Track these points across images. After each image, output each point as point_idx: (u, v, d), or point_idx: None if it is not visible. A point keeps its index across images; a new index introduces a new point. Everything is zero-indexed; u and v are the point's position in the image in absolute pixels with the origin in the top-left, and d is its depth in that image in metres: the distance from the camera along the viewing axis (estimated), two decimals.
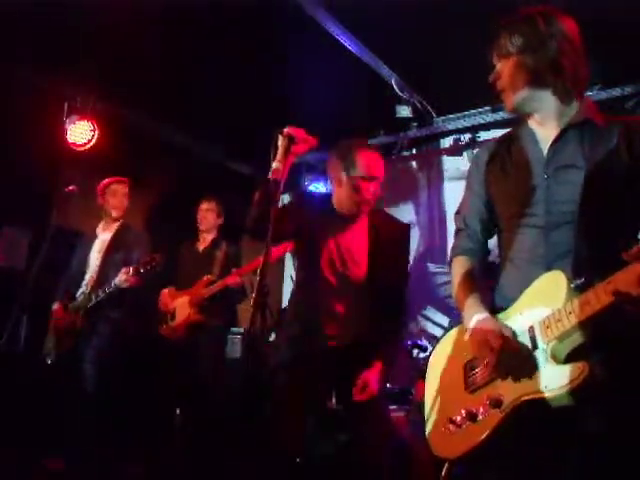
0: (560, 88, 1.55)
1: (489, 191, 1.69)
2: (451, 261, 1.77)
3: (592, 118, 1.55)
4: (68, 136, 4.34)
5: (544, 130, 1.59)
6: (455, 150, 4.97)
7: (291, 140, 2.22)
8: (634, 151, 1.47)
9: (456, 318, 1.70)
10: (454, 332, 1.72)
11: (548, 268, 1.46)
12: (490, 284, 1.68)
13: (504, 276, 1.62)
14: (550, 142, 1.56)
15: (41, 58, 3.99)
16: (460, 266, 1.71)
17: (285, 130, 2.22)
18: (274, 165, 2.22)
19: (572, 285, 1.37)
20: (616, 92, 4.09)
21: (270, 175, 2.22)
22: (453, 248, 1.78)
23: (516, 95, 1.57)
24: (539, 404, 1.35)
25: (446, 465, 1.85)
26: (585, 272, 1.39)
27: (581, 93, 1.59)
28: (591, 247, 1.44)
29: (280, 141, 2.23)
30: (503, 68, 1.58)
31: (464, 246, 1.74)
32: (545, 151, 1.56)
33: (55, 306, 3.82)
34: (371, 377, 2.31)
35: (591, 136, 1.52)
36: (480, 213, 1.72)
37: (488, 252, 1.76)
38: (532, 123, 1.62)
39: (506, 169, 1.64)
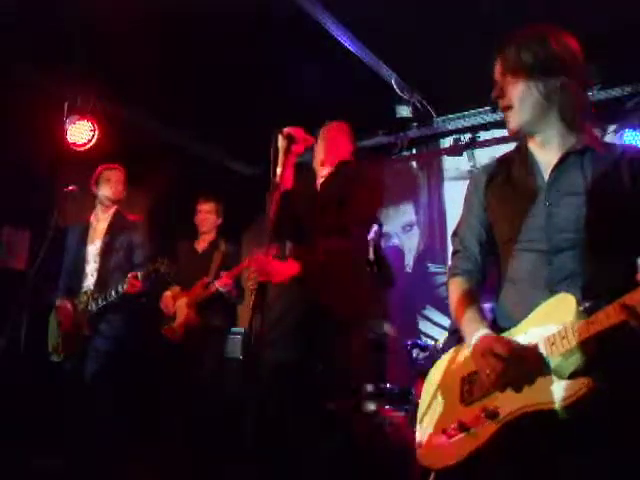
0: (567, 112, 1.54)
1: (488, 213, 1.68)
2: (448, 281, 1.76)
3: (593, 145, 1.55)
4: (68, 136, 4.33)
5: (545, 154, 1.58)
6: (455, 150, 4.97)
7: (291, 140, 2.23)
8: (637, 179, 1.47)
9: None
10: (452, 351, 1.72)
11: (551, 291, 1.45)
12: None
13: (504, 294, 1.62)
14: (551, 167, 1.55)
15: (41, 58, 3.99)
16: (457, 286, 1.70)
17: (284, 130, 2.24)
18: (277, 170, 2.24)
19: (581, 308, 1.36)
20: (616, 92, 4.09)
21: (276, 180, 2.24)
22: (450, 269, 1.77)
23: (523, 117, 1.55)
24: (538, 417, 1.35)
25: (432, 475, 1.84)
26: (593, 296, 1.39)
27: (584, 119, 1.58)
28: (597, 272, 1.44)
29: (280, 142, 2.24)
30: (508, 87, 1.55)
31: (462, 267, 1.72)
32: (546, 176, 1.55)
33: (59, 302, 3.76)
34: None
35: (591, 163, 1.52)
36: (478, 235, 1.71)
37: (486, 273, 1.74)
38: (533, 145, 1.61)
39: (506, 192, 1.64)
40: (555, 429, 1.35)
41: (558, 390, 1.32)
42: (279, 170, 2.23)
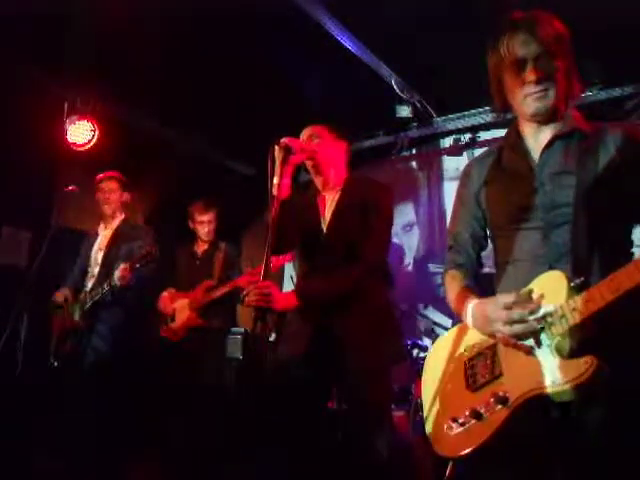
0: (565, 98, 1.56)
1: (482, 202, 1.70)
2: (443, 276, 1.81)
3: (580, 127, 1.57)
4: (68, 136, 4.33)
5: (536, 138, 1.60)
6: (455, 150, 4.98)
7: (288, 151, 2.22)
8: (629, 156, 1.50)
9: (457, 318, 1.71)
10: (450, 333, 1.73)
11: (550, 267, 1.48)
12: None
13: (503, 280, 1.63)
14: (540, 150, 1.58)
15: (41, 58, 3.99)
16: (453, 279, 1.75)
17: (282, 141, 2.23)
18: (274, 181, 2.23)
19: (572, 284, 1.39)
20: (616, 92, 4.10)
21: (273, 191, 2.23)
22: (445, 263, 1.82)
23: (557, 98, 1.54)
24: (546, 399, 1.36)
25: (450, 464, 1.84)
26: (583, 271, 1.41)
27: (571, 102, 1.61)
28: (588, 247, 1.46)
29: (277, 152, 2.23)
30: (547, 63, 1.52)
31: (456, 261, 1.77)
32: (537, 159, 1.58)
33: (57, 295, 3.81)
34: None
35: (580, 144, 1.55)
36: (470, 228, 1.74)
37: (480, 265, 1.78)
38: (526, 130, 1.63)
39: (498, 178, 1.67)
40: (562, 410, 1.37)
41: (564, 370, 1.33)
42: (276, 180, 2.22)
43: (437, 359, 1.72)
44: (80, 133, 4.35)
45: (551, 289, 1.42)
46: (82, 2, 3.40)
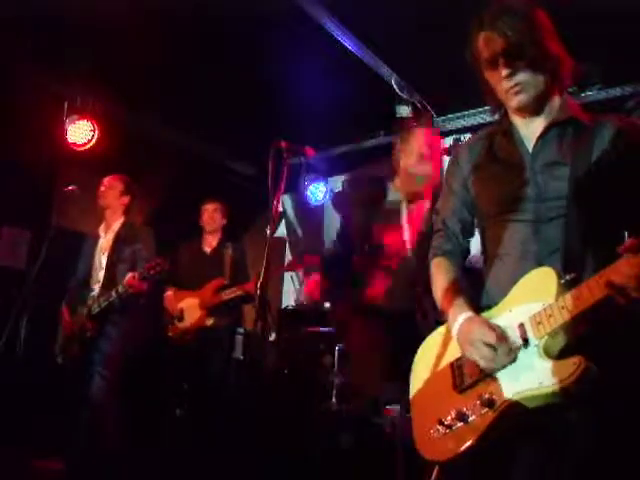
0: (552, 85, 1.52)
1: (471, 189, 1.65)
2: (430, 262, 1.72)
3: (576, 116, 1.53)
4: (68, 136, 4.33)
5: (530, 127, 1.56)
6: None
7: (287, 151, 2.25)
8: (622, 150, 1.46)
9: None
10: (437, 333, 1.68)
11: (539, 264, 1.43)
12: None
13: (492, 274, 1.58)
14: (535, 139, 1.53)
15: (41, 58, 3.99)
16: (441, 268, 1.67)
17: (280, 141, 2.25)
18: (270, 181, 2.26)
19: (562, 281, 1.35)
20: (616, 92, 4.09)
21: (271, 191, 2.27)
22: (432, 249, 1.73)
23: (534, 93, 1.49)
24: (533, 401, 1.33)
25: (436, 468, 1.79)
26: (575, 268, 1.37)
27: (566, 89, 1.57)
28: (581, 243, 1.42)
29: (274, 153, 2.25)
30: (519, 63, 1.47)
31: (443, 247, 1.70)
32: (530, 148, 1.53)
33: (63, 307, 3.80)
34: None
35: (575, 134, 1.50)
36: (460, 213, 1.68)
37: (468, 253, 1.72)
38: (518, 119, 1.59)
39: (489, 166, 1.61)
40: (549, 411, 1.33)
41: (551, 372, 1.29)
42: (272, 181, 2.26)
43: (424, 361, 1.67)
44: (80, 133, 4.35)
45: (540, 286, 1.38)
46: (82, 2, 3.40)
